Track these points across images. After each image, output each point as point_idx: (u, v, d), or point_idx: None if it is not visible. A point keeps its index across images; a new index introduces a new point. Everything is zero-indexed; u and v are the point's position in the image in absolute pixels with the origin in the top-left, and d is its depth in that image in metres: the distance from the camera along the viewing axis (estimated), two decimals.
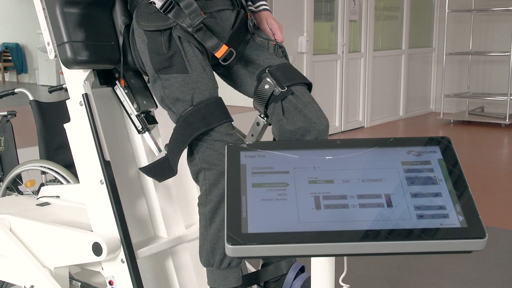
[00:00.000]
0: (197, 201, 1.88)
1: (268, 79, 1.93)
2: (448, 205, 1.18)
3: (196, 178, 1.85)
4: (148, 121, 2.10)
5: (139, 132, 2.10)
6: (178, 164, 1.87)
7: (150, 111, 2.13)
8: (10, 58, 12.99)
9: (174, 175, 1.90)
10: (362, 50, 7.71)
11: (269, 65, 1.96)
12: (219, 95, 1.87)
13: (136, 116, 2.09)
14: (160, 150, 2.08)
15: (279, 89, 1.91)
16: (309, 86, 1.99)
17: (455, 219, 1.15)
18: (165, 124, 2.13)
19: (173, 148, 1.83)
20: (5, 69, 13.09)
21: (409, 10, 8.37)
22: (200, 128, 1.78)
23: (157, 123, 2.13)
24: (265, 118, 2.01)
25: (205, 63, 1.88)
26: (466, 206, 1.17)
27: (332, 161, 1.28)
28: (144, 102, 2.09)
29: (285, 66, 1.98)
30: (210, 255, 1.84)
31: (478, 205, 1.19)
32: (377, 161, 1.27)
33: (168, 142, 1.86)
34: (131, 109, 2.09)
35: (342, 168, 1.26)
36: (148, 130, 2.10)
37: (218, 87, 1.88)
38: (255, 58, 2.00)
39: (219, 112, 1.81)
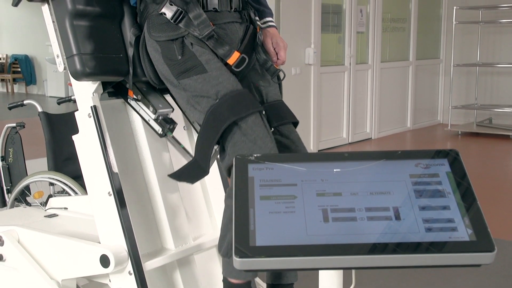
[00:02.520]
0: (205, 212, 1.88)
1: None
2: (457, 218, 1.17)
3: (228, 173, 1.84)
4: (167, 122, 2.10)
5: (160, 136, 2.10)
6: None
7: (167, 114, 2.12)
8: (19, 69, 13.07)
9: (206, 175, 1.89)
10: (369, 62, 7.71)
11: (261, 101, 2.00)
12: None
13: (154, 120, 2.09)
14: (186, 150, 2.08)
15: None
16: (295, 123, 2.05)
17: (463, 232, 1.15)
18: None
19: (204, 144, 1.82)
20: (14, 80, 13.17)
21: (416, 22, 8.37)
22: (230, 118, 1.77)
23: (176, 124, 2.13)
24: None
25: (222, 64, 1.89)
26: (474, 219, 1.17)
27: (340, 174, 1.28)
28: (160, 105, 2.09)
29: (278, 105, 2.02)
30: (230, 246, 1.83)
31: (486, 217, 1.18)
32: (385, 173, 1.27)
33: (196, 142, 1.86)
34: (148, 114, 2.09)
35: (350, 181, 1.26)
36: (170, 130, 2.09)
37: (239, 82, 1.89)
38: (251, 87, 2.02)
39: (247, 102, 1.82)
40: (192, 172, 1.89)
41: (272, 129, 1.96)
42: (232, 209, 1.81)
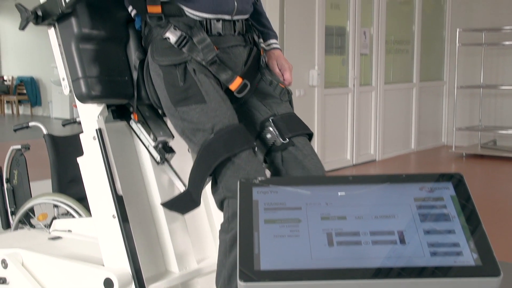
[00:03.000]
0: (209, 235, 1.88)
1: (271, 129, 1.96)
2: (462, 242, 1.17)
3: (220, 206, 1.85)
4: (166, 151, 2.11)
5: (158, 163, 2.11)
6: None
7: (167, 142, 2.14)
8: (25, 91, 13.14)
9: (197, 206, 1.90)
10: (373, 83, 7.73)
11: (273, 114, 1.99)
12: None
13: (153, 147, 2.10)
14: (181, 181, 2.08)
15: (281, 140, 1.95)
16: (310, 135, 2.02)
17: (469, 257, 1.14)
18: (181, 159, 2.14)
19: (196, 178, 1.83)
20: (20, 102, 13.24)
21: (419, 44, 8.40)
22: (223, 154, 1.78)
23: (174, 152, 2.14)
24: (264, 165, 2.03)
25: (222, 93, 1.90)
26: (480, 243, 1.16)
27: (345, 197, 1.28)
28: (161, 132, 2.11)
29: (289, 116, 2.01)
30: (227, 282, 1.83)
31: (492, 241, 1.18)
32: (390, 197, 1.27)
33: (189, 174, 1.87)
34: (148, 141, 2.10)
35: (354, 204, 1.26)
36: (167, 160, 2.11)
37: (236, 115, 1.90)
38: (262, 102, 2.02)
39: (241, 138, 1.82)
40: (184, 202, 1.91)
41: (287, 140, 1.95)
42: (226, 244, 1.82)
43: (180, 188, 2.12)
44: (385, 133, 7.91)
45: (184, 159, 2.29)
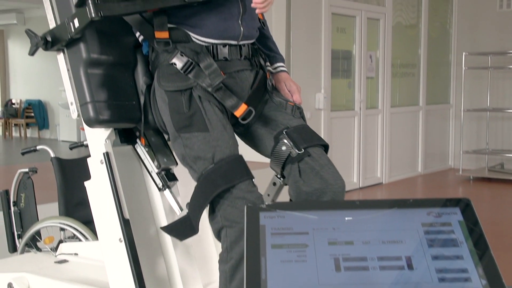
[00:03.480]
0: (216, 259, 1.87)
1: (285, 141, 1.95)
2: (470, 268, 1.16)
3: (218, 236, 1.85)
4: (168, 178, 2.12)
5: (159, 189, 2.12)
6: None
7: (170, 169, 2.15)
8: (33, 114, 13.22)
9: (195, 234, 1.90)
10: (379, 107, 7.74)
11: (286, 126, 1.99)
12: (239, 152, 1.89)
13: (156, 173, 2.11)
14: (181, 209, 2.09)
15: (296, 151, 1.93)
16: (326, 147, 2.01)
17: (477, 283, 1.14)
18: (185, 183, 2.14)
19: (195, 206, 1.84)
20: (27, 125, 13.31)
21: (425, 67, 8.43)
22: (222, 186, 1.79)
23: (177, 180, 2.15)
24: (282, 179, 2.02)
25: (225, 122, 1.91)
26: (488, 269, 1.16)
27: (352, 222, 1.28)
28: (165, 159, 2.12)
29: (303, 127, 2.00)
30: None
31: (500, 266, 1.17)
32: (397, 222, 1.27)
33: (189, 201, 1.87)
34: (152, 167, 2.11)
35: (361, 229, 1.26)
36: (169, 187, 2.11)
37: (238, 145, 1.91)
38: (273, 118, 2.02)
39: (240, 170, 1.83)
40: (182, 228, 1.91)
41: (303, 150, 1.94)
42: (226, 274, 1.81)
43: (180, 214, 2.11)
44: (391, 156, 7.89)
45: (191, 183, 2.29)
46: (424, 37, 8.34)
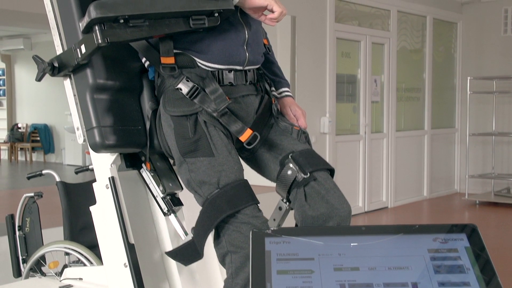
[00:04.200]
0: (221, 285, 1.86)
1: (291, 165, 1.95)
2: None
3: (222, 261, 1.84)
4: (173, 203, 2.12)
5: (164, 214, 2.12)
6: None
7: (176, 193, 2.15)
8: (38, 138, 13.27)
9: (200, 259, 1.90)
10: (384, 131, 7.75)
11: (292, 151, 1.99)
12: (244, 176, 1.89)
13: (161, 198, 2.11)
14: (186, 233, 2.08)
15: (302, 175, 1.93)
16: (331, 171, 2.01)
17: None
18: (190, 207, 2.14)
19: (200, 231, 1.83)
20: (33, 149, 13.36)
21: (430, 91, 8.44)
22: (227, 211, 1.79)
23: (182, 205, 2.15)
24: (288, 203, 2.02)
25: (231, 147, 1.92)
26: None
27: (358, 248, 1.27)
28: (170, 184, 2.12)
29: (308, 151, 2.01)
30: None
31: None
32: (403, 248, 1.26)
33: (194, 225, 1.87)
34: (157, 191, 2.11)
35: (367, 255, 1.25)
36: (174, 212, 2.11)
37: (243, 170, 1.91)
38: (278, 143, 2.03)
39: (245, 195, 1.83)
40: (187, 253, 1.90)
41: (308, 174, 1.94)
42: None
43: (185, 238, 2.11)
44: (397, 180, 7.88)
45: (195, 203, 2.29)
46: (428, 62, 8.37)
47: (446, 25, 8.74)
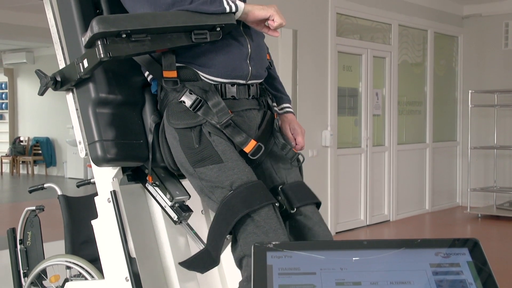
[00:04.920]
0: None
1: (280, 198, 1.98)
2: None
3: (239, 265, 1.84)
4: (183, 210, 2.11)
5: (175, 222, 2.11)
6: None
7: (184, 201, 2.14)
8: (40, 151, 13.29)
9: (216, 265, 1.89)
10: (386, 144, 7.75)
11: (283, 182, 2.03)
12: None
13: (170, 207, 2.11)
14: (200, 240, 2.08)
15: (289, 210, 1.96)
16: (318, 204, 2.06)
17: None
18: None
19: (215, 235, 1.83)
20: (35, 162, 13.37)
21: (432, 105, 8.45)
22: (242, 211, 1.78)
23: (192, 211, 2.14)
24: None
25: (238, 153, 1.92)
26: None
27: (359, 262, 1.27)
28: (177, 192, 2.12)
29: (298, 185, 2.05)
30: None
31: None
32: (405, 262, 1.26)
33: (208, 232, 1.86)
34: (165, 201, 2.11)
35: (369, 270, 1.25)
36: (185, 219, 2.11)
37: (254, 173, 1.91)
38: (272, 170, 2.05)
39: (260, 194, 1.83)
40: (203, 261, 1.89)
41: (295, 209, 1.96)
42: None
43: (198, 248, 2.10)
44: (399, 194, 7.87)
45: (198, 220, 2.29)
46: (430, 75, 8.39)
47: (447, 38, 8.76)
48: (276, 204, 1.87)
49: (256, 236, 1.77)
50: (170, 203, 2.10)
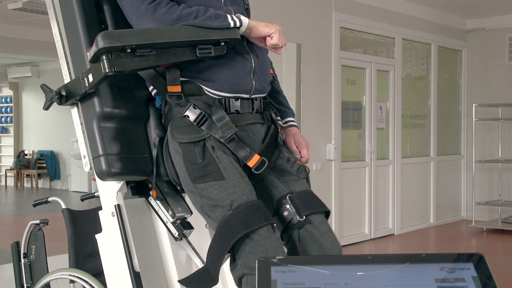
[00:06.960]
0: None
1: (288, 206, 1.98)
2: None
3: (239, 283, 1.83)
4: (184, 227, 2.12)
5: (176, 239, 2.11)
6: None
7: (186, 218, 2.14)
8: (45, 165, 13.32)
9: (215, 284, 1.88)
10: (390, 157, 7.74)
11: (291, 191, 2.01)
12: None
13: (172, 223, 2.11)
14: (199, 256, 2.08)
15: (298, 218, 1.96)
16: (327, 213, 2.04)
17: None
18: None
19: (214, 254, 1.83)
20: (39, 176, 13.39)
21: (436, 118, 8.45)
22: (241, 231, 1.78)
23: (193, 228, 2.14)
24: (282, 241, 2.02)
25: (240, 170, 1.92)
26: None
27: (364, 277, 1.26)
28: (179, 208, 2.12)
29: (306, 194, 2.04)
30: None
31: None
32: (410, 277, 1.25)
33: (207, 251, 1.86)
34: (167, 217, 2.11)
35: (374, 285, 1.25)
36: (185, 236, 2.11)
37: (255, 192, 1.91)
38: (278, 180, 2.04)
39: (259, 215, 1.83)
40: (202, 280, 1.89)
41: (304, 217, 1.95)
42: None
43: (198, 264, 2.11)
44: (403, 207, 7.84)
45: (201, 235, 2.29)
46: (433, 89, 8.40)
47: (451, 52, 8.78)
48: (274, 225, 1.86)
49: (255, 256, 1.76)
50: (171, 219, 2.10)
